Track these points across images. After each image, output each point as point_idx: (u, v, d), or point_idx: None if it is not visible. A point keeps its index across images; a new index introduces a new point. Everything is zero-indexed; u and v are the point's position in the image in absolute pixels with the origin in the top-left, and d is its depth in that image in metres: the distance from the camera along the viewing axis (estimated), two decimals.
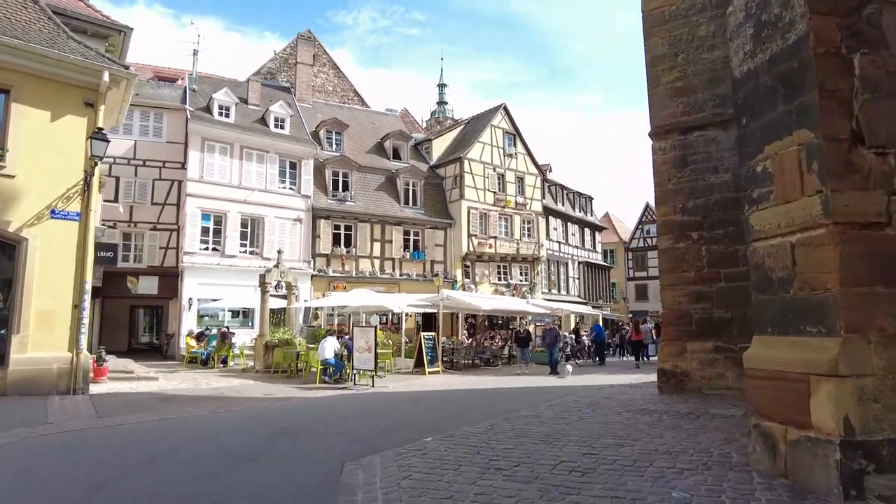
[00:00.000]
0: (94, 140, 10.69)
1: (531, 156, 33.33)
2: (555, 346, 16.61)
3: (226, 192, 24.24)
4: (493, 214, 30.50)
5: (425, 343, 17.02)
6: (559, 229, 37.92)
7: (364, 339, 13.49)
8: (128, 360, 19.46)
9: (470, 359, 18.90)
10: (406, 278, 27.68)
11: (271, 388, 13.42)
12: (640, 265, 53.82)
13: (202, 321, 23.41)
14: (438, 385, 14.30)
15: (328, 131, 29.26)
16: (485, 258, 30.20)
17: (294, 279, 18.71)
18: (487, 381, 15.05)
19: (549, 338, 16.70)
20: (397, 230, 28.14)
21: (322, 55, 34.84)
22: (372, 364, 13.28)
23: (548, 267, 35.08)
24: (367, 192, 28.27)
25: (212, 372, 17.07)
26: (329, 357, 14.20)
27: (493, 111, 32.37)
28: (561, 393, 11.78)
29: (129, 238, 25.04)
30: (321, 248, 26.17)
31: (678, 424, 7.37)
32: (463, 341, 21.42)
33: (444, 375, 16.73)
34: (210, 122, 24.42)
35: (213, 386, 13.53)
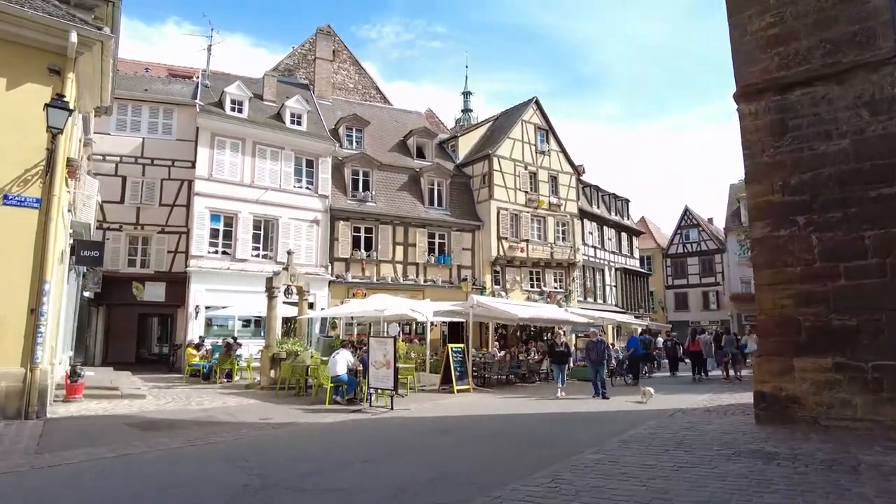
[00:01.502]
0: (51, 108, 8.79)
1: (565, 153, 30.96)
2: (602, 364, 13.75)
3: (237, 191, 22.49)
4: (524, 216, 28.17)
5: (453, 356, 14.79)
6: (595, 233, 35.36)
7: (381, 351, 11.33)
8: (125, 373, 17.67)
9: (504, 374, 16.60)
10: (431, 284, 25.51)
11: (272, 409, 11.33)
12: (680, 272, 50.89)
13: (210, 330, 21.60)
14: (470, 407, 12.02)
15: (348, 128, 27.39)
16: (516, 263, 27.86)
17: (306, 284, 16.70)
18: (528, 405, 12.70)
19: (595, 352, 13.65)
20: (421, 233, 26.02)
21: (342, 51, 33.17)
22: (391, 382, 11.09)
23: (583, 273, 32.55)
24: (389, 193, 26.26)
25: (212, 388, 15.10)
26: (341, 373, 12.06)
27: (523, 105, 30.15)
28: (626, 422, 9.41)
29: (136, 241, 23.44)
30: (339, 252, 24.21)
31: (833, 481, 4.99)
32: (494, 354, 19.10)
33: (476, 394, 14.44)
34: (220, 117, 22.74)
35: (206, 406, 11.50)
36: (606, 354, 14.06)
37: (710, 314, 48.30)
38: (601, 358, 13.76)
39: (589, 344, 14.14)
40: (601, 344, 13.88)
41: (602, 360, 13.75)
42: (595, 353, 13.78)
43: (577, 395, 13.49)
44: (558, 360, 14.44)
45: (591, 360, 13.84)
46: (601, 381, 13.58)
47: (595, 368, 13.73)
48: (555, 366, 14.67)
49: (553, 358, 14.78)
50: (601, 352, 13.79)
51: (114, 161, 23.42)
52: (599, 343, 13.87)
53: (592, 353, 13.86)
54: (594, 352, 13.81)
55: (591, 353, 13.90)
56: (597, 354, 13.74)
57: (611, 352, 14.93)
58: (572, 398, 13.10)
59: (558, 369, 14.27)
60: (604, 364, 13.87)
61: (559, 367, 14.33)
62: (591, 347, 14.05)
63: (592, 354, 13.86)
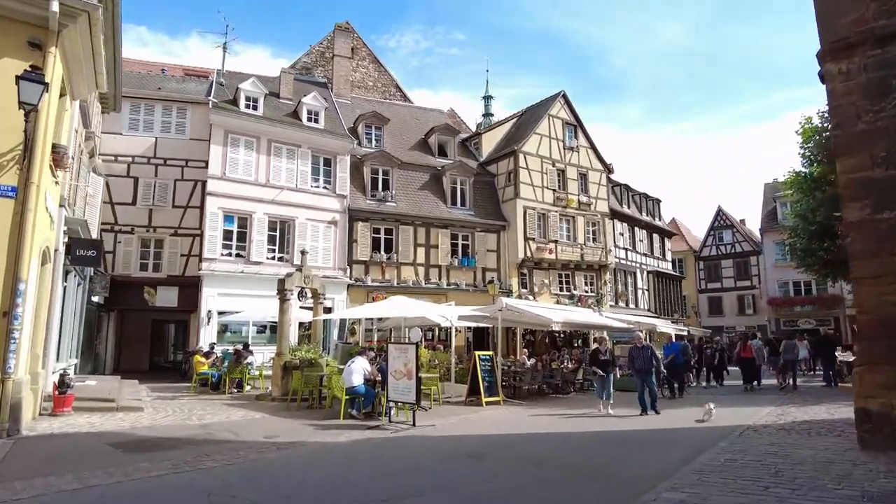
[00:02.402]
0: (23, 81, 7.68)
1: (595, 149, 29.40)
2: (649, 373, 11.76)
3: (251, 190, 21.47)
4: (552, 215, 26.68)
5: (481, 365, 13.39)
6: (625, 234, 33.64)
7: (402, 360, 10.00)
8: (132, 382, 16.65)
9: (537, 384, 15.13)
10: (454, 288, 24.15)
11: (280, 425, 10.08)
12: (713, 275, 48.60)
13: (223, 337, 20.56)
14: (504, 425, 10.59)
15: (367, 126, 26.27)
16: (544, 265, 26.36)
17: (322, 286, 15.47)
18: (569, 421, 11.18)
19: (640, 360, 11.72)
20: (444, 233, 24.71)
21: (361, 48, 32.17)
22: (412, 394, 9.75)
23: (614, 276, 30.85)
24: (410, 192, 25.03)
25: (220, 399, 13.93)
26: (357, 384, 10.76)
27: (550, 100, 28.70)
28: (691, 444, 7.92)
29: (148, 244, 22.61)
30: (359, 254, 23.02)
31: None
32: (524, 362, 17.64)
33: (507, 408, 13.01)
34: (234, 113, 21.78)
35: (206, 421, 10.30)
36: (654, 362, 12.08)
37: (746, 319, 45.96)
38: (648, 366, 11.82)
39: (633, 351, 12.21)
40: (647, 350, 12.02)
41: (649, 368, 11.79)
42: (640, 360, 11.85)
43: (622, 411, 11.82)
44: (602, 371, 12.14)
45: (637, 369, 11.93)
46: (650, 394, 11.78)
47: (641, 379, 11.81)
48: (597, 377, 12.37)
49: (596, 368, 12.28)
50: (648, 359, 11.84)
51: (126, 161, 22.64)
52: (645, 349, 12.03)
53: (637, 361, 11.88)
54: (639, 359, 11.87)
55: (636, 360, 11.93)
56: (643, 362, 11.83)
57: (659, 359, 12.59)
58: (618, 415, 11.44)
59: (602, 381, 12.07)
60: (651, 373, 11.87)
61: (603, 378, 12.11)
62: (635, 354, 12.04)
63: (637, 362, 11.89)
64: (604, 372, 11.99)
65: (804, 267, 20.84)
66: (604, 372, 11.99)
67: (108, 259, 21.86)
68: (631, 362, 12.39)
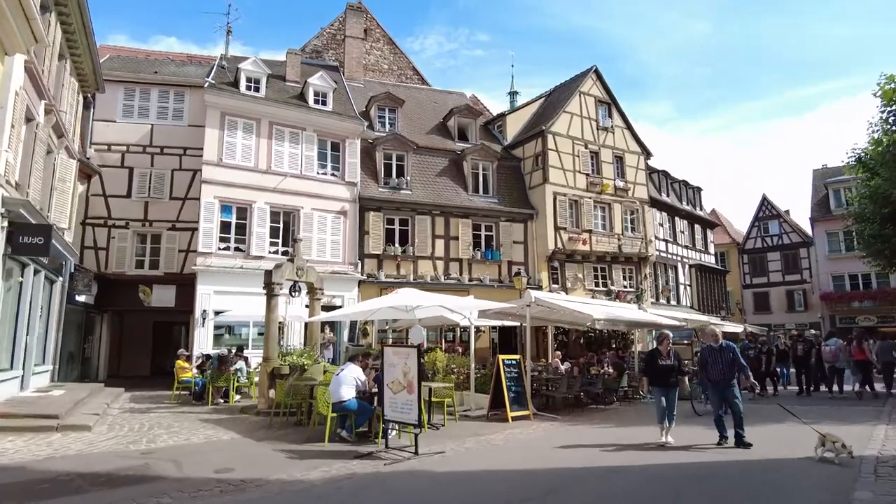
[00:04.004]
0: None
1: (631, 129, 26.67)
2: (732, 385, 8.11)
3: (251, 178, 19.47)
4: (586, 202, 24.07)
5: (506, 372, 10.99)
6: (665, 225, 30.75)
7: (400, 367, 7.70)
8: (117, 391, 14.84)
9: (573, 394, 12.66)
10: (477, 284, 21.76)
11: (245, 451, 7.89)
12: (759, 269, 45.04)
13: (221, 340, 18.60)
14: (535, 450, 8.15)
15: (380, 109, 24.14)
16: (577, 257, 23.76)
17: (319, 279, 13.30)
18: (628, 452, 7.99)
19: (718, 366, 8.17)
20: (465, 224, 22.36)
21: (375, 29, 30.06)
22: (413, 412, 7.45)
23: (654, 270, 28.02)
24: (427, 179, 22.76)
25: (198, 412, 11.86)
26: (347, 398, 8.50)
27: (581, 76, 26.08)
28: (815, 498, 5.41)
29: (144, 240, 20.87)
30: (371, 248, 20.84)
31: None
32: (557, 367, 15.19)
33: (538, 424, 10.58)
34: (231, 94, 19.82)
35: (156, 446, 8.16)
36: (739, 368, 8.22)
37: (796, 316, 42.42)
38: (730, 375, 8.11)
39: (706, 353, 8.49)
40: (728, 352, 8.20)
41: (732, 377, 8.12)
42: (719, 366, 8.16)
43: (682, 434, 8.71)
44: (663, 382, 8.52)
45: (713, 378, 8.32)
46: (735, 416, 7.99)
47: (720, 393, 8.25)
48: (657, 390, 8.57)
49: (653, 377, 8.68)
50: (728, 364, 8.10)
51: (120, 151, 20.98)
52: (725, 351, 8.23)
53: (713, 367, 8.24)
54: (717, 364, 8.18)
55: (712, 366, 8.27)
56: (722, 369, 8.13)
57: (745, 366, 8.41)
58: (681, 445, 8.14)
59: (659, 393, 8.50)
60: (735, 385, 8.16)
61: (663, 391, 8.46)
62: (709, 358, 8.33)
63: (713, 369, 8.24)
64: (665, 383, 8.50)
65: (872, 255, 18.29)
66: (665, 383, 8.50)
67: (101, 256, 20.21)
68: (703, 368, 8.67)
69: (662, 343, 8.75)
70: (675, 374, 8.59)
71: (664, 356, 8.62)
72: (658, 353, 8.68)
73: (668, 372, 8.53)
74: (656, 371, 8.63)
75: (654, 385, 8.66)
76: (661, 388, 8.54)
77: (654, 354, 8.74)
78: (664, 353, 8.63)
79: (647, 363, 8.93)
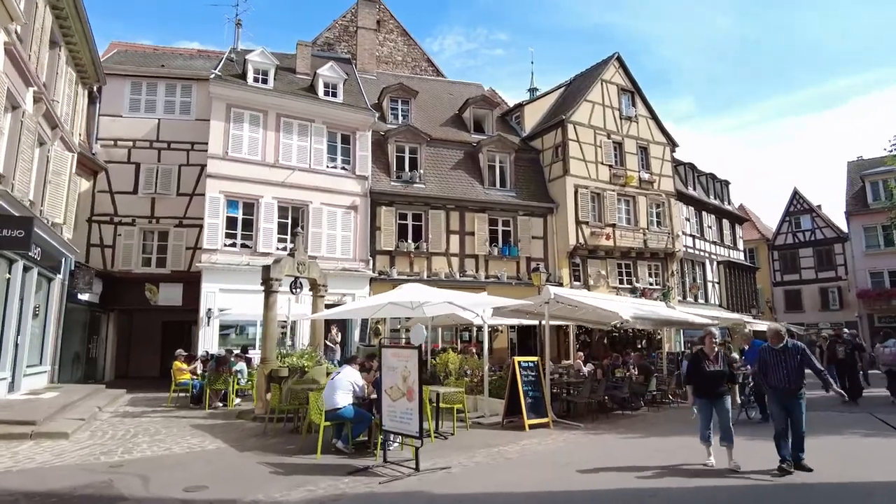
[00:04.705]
0: None
1: (656, 119, 25.39)
2: (799, 397, 6.48)
3: (258, 172, 18.76)
4: (609, 195, 22.89)
5: (523, 375, 10.01)
6: (692, 219, 29.35)
7: (399, 371, 6.78)
8: (118, 392, 14.21)
9: (598, 399, 11.59)
10: (494, 281, 20.75)
11: (228, 464, 7.05)
12: (790, 266, 43.13)
13: (227, 340, 17.94)
14: (556, 471, 7.06)
15: (392, 100, 23.27)
16: (600, 253, 22.60)
17: (322, 275, 12.46)
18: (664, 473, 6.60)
19: (782, 371, 6.52)
20: (481, 218, 21.36)
21: (389, 20, 29.22)
22: (413, 422, 6.53)
23: (681, 267, 26.70)
24: (442, 172, 21.83)
25: (193, 416, 11.12)
26: (342, 404, 7.62)
27: (602, 64, 24.90)
28: None
29: (151, 237, 20.33)
30: (382, 244, 19.98)
31: None
32: (579, 369, 14.12)
33: (559, 433, 9.56)
34: (237, 85, 19.13)
35: (132, 457, 7.37)
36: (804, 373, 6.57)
37: (831, 315, 40.42)
38: (798, 383, 6.44)
39: (765, 354, 6.75)
40: (796, 353, 6.51)
41: (800, 385, 6.46)
42: (783, 371, 6.48)
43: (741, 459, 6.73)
44: (710, 391, 6.95)
45: (775, 385, 6.57)
46: (794, 434, 6.44)
47: (782, 404, 6.50)
48: (702, 401, 7.02)
49: (699, 385, 7.05)
50: (796, 369, 6.44)
51: (126, 146, 20.47)
52: (792, 351, 6.53)
53: (775, 373, 6.55)
54: (780, 369, 6.50)
55: (773, 371, 6.58)
56: (788, 375, 6.44)
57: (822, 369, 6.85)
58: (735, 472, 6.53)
59: (704, 405, 7.00)
60: (802, 397, 6.47)
61: (708, 401, 6.97)
62: (770, 360, 6.64)
63: (775, 375, 6.56)
64: (712, 392, 6.94)
65: None
66: (712, 392, 6.94)
67: (107, 254, 19.71)
68: (762, 374, 6.85)
69: (706, 342, 7.25)
70: (724, 381, 7.02)
71: (711, 359, 7.03)
72: (703, 356, 7.09)
73: (716, 379, 6.95)
74: (702, 378, 7.02)
75: (700, 395, 7.04)
76: (707, 398, 6.99)
77: (699, 357, 7.13)
78: (710, 355, 7.07)
79: (691, 368, 7.23)
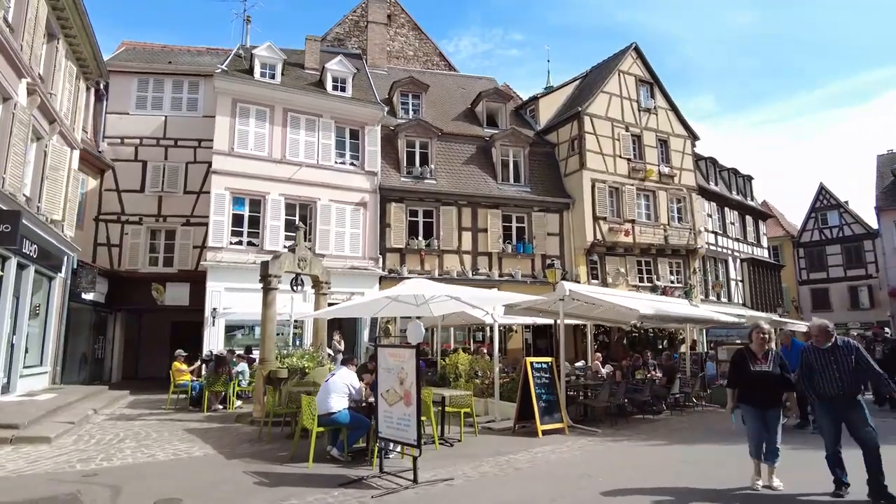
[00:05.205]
0: None
1: (676, 111, 24.46)
2: (855, 406, 5.28)
3: (265, 168, 18.30)
4: (628, 189, 22.04)
5: (535, 377, 9.31)
6: (714, 216, 28.33)
7: (397, 372, 6.16)
8: (120, 393, 13.86)
9: (618, 401, 10.85)
10: (508, 279, 20.04)
11: (212, 473, 6.49)
12: (817, 264, 41.67)
13: (233, 340, 17.50)
14: (570, 486, 6.20)
15: (403, 94, 22.72)
16: (619, 250, 21.76)
17: (324, 272, 11.90)
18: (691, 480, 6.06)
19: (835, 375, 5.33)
20: (494, 214, 20.67)
21: (400, 14, 28.68)
22: (411, 429, 5.89)
23: (703, 264, 25.71)
24: (453, 167, 21.19)
25: (190, 419, 10.62)
26: (336, 409, 7.02)
27: (619, 55, 24.05)
28: None
29: (158, 236, 20.02)
30: (392, 241, 19.41)
31: None
32: (598, 370, 13.37)
33: (575, 440, 8.86)
34: (243, 79, 18.70)
35: (110, 465, 6.86)
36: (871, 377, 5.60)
37: (860, 314, 38.97)
38: (854, 387, 5.35)
39: (810, 355, 5.58)
40: (850, 352, 5.37)
41: (856, 391, 5.37)
42: (836, 375, 5.35)
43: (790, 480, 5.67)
44: (759, 397, 5.70)
45: (821, 393, 5.47)
46: (868, 449, 5.12)
47: (835, 413, 5.37)
48: (749, 409, 5.76)
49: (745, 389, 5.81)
50: (852, 372, 5.32)
51: (133, 144, 20.20)
52: (845, 350, 5.40)
53: (825, 376, 5.41)
54: (830, 372, 5.38)
55: (823, 374, 5.43)
56: (841, 380, 5.32)
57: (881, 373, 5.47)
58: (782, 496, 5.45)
59: (761, 421, 5.70)
60: (860, 405, 5.30)
61: (762, 412, 5.70)
62: (817, 363, 5.49)
63: (825, 379, 5.41)
64: (761, 399, 5.67)
65: None
66: (761, 399, 5.67)
67: (114, 253, 19.45)
68: (807, 377, 5.58)
69: (754, 338, 5.85)
70: (777, 386, 5.71)
71: (760, 358, 5.76)
72: (749, 355, 5.82)
73: (765, 382, 5.66)
74: (749, 380, 5.72)
75: (745, 402, 5.75)
76: (755, 406, 5.69)
77: (744, 356, 5.86)
78: (759, 353, 5.79)
79: (734, 369, 5.93)
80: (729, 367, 6.18)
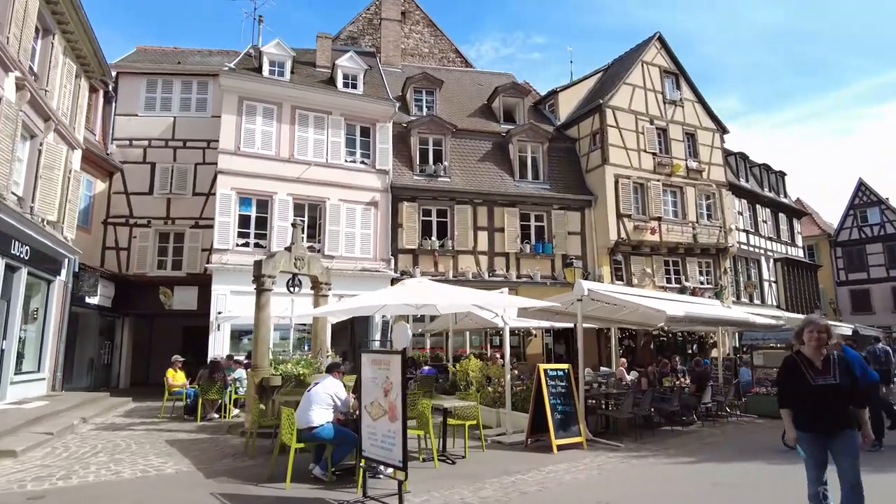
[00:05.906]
0: None
1: (703, 103, 23.21)
2: None
3: (272, 167, 17.72)
4: (653, 185, 20.88)
5: (550, 386, 8.36)
6: (745, 213, 26.90)
7: (381, 382, 5.31)
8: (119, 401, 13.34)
9: (644, 411, 9.83)
10: (526, 281, 19.09)
11: (177, 496, 5.73)
12: (857, 264, 39.57)
13: (239, 345, 16.89)
14: None
15: (416, 91, 21.99)
16: (645, 249, 20.60)
17: (324, 272, 11.15)
18: None
19: None
20: (511, 213, 19.74)
21: (414, 11, 28.01)
22: (396, 447, 5.03)
23: (734, 264, 24.33)
24: (468, 164, 20.34)
25: (179, 429, 9.94)
26: (318, 423, 6.20)
27: (643, 45, 22.94)
28: None
29: (167, 239, 19.58)
30: (405, 242, 18.62)
31: None
32: (622, 377, 12.33)
33: (594, 456, 7.88)
34: (249, 77, 18.18)
35: (64, 484, 6.16)
36: None
37: None
38: None
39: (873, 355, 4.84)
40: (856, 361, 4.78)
41: None
42: None
43: None
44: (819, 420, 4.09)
45: None
46: None
47: None
48: (807, 436, 4.15)
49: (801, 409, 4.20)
50: None
51: (141, 146, 19.83)
52: None
53: None
54: None
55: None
56: None
57: None
58: None
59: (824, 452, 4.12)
60: None
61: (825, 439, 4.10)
62: None
63: None
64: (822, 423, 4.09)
65: None
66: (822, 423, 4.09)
67: (122, 256, 19.07)
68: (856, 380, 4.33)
69: (807, 338, 4.25)
70: (845, 402, 4.12)
71: (817, 366, 4.20)
72: (803, 361, 4.27)
73: (828, 399, 4.10)
74: (805, 396, 4.20)
75: (801, 428, 4.18)
76: (815, 431, 4.12)
77: (795, 362, 4.31)
78: (816, 359, 4.22)
79: (790, 382, 4.32)
80: (779, 380, 4.56)
